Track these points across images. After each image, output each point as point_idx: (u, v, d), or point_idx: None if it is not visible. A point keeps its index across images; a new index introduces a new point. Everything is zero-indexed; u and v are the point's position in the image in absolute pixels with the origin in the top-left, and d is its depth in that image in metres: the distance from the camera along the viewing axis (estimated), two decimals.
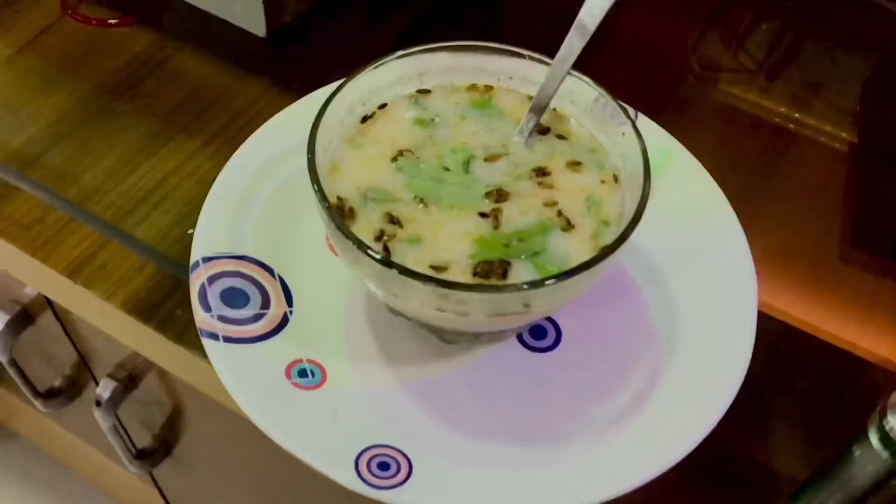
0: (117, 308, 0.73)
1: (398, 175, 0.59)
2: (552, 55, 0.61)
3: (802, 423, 0.70)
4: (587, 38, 0.60)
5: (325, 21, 0.95)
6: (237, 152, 0.68)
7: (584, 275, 0.51)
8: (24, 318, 1.02)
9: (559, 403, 0.60)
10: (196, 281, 0.61)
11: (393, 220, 0.57)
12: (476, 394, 0.60)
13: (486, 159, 0.61)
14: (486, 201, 0.58)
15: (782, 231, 0.81)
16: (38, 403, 1.09)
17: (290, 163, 0.68)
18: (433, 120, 0.62)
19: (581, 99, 0.62)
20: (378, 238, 0.56)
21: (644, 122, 0.72)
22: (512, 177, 0.59)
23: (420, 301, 0.52)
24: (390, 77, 0.62)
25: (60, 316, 1.00)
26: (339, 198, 0.57)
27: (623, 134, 0.59)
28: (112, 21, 0.93)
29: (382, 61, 0.61)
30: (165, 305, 0.73)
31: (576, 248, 0.56)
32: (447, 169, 0.59)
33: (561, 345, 0.62)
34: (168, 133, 0.84)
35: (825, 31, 1.01)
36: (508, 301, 0.51)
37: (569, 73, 0.61)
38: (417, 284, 0.51)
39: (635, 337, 0.63)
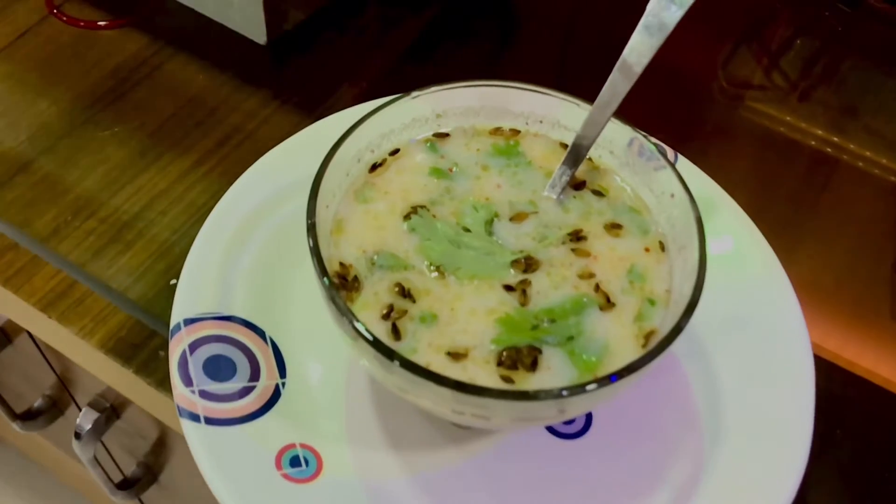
0: (94, 348, 0.62)
1: (411, 236, 0.48)
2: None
3: (850, 485, 0.60)
4: (633, 81, 0.49)
5: (330, 30, 0.84)
6: (228, 192, 0.57)
7: (631, 377, 0.40)
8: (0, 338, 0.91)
9: (589, 501, 0.49)
10: (176, 348, 0.50)
11: (404, 292, 0.46)
12: (494, 488, 0.50)
13: (511, 219, 0.50)
14: (512, 271, 0.47)
15: (826, 268, 0.72)
16: (15, 426, 0.98)
17: (287, 204, 0.58)
18: (451, 170, 0.51)
19: (621, 148, 0.51)
20: (386, 315, 0.45)
21: (684, 164, 0.61)
22: (542, 241, 0.49)
23: (433, 400, 0.42)
24: (404, 119, 0.51)
25: (38, 341, 0.89)
26: (341, 264, 0.47)
27: (672, 195, 0.48)
28: (101, 23, 0.81)
29: (395, 101, 0.50)
30: (148, 345, 0.63)
31: (616, 333, 0.45)
32: (467, 229, 0.49)
33: (591, 429, 0.52)
34: (157, 150, 0.74)
35: (865, 51, 0.89)
36: (540, 408, 0.40)
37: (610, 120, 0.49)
38: (431, 384, 0.40)
39: (675, 420, 0.52)
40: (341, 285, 0.47)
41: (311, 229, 0.45)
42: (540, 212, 0.51)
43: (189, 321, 0.53)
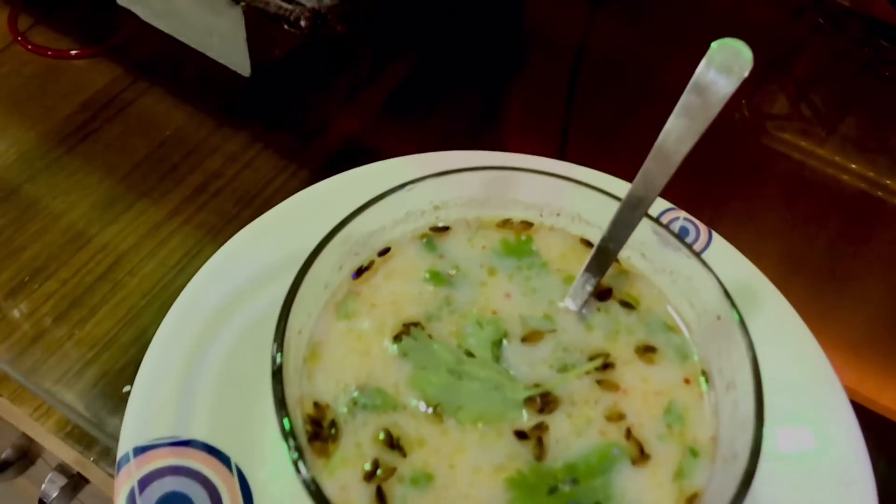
0: (50, 432, 0.51)
1: (402, 364, 0.37)
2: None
3: None
4: (671, 172, 0.38)
5: (318, 68, 0.71)
6: (191, 283, 0.46)
7: None
8: None
9: None
10: (123, 486, 0.40)
11: (392, 442, 0.35)
12: None
13: (524, 339, 0.39)
14: (526, 413, 0.37)
15: (865, 318, 0.62)
16: None
17: (260, 296, 0.46)
18: (452, 274, 0.39)
19: (655, 250, 0.39)
20: (370, 475, 0.33)
21: (720, 246, 0.49)
22: (561, 370, 0.37)
23: None
24: (395, 214, 0.40)
25: None
26: (316, 404, 0.35)
27: (718, 318, 0.36)
28: (73, 52, 0.69)
29: (385, 196, 0.38)
30: (109, 423, 0.53)
31: (653, 497, 0.35)
32: (470, 353, 0.38)
33: None
34: (128, 198, 0.63)
35: None
36: None
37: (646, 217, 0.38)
38: None
39: None
40: (315, 434, 0.36)
41: (278, 375, 0.33)
42: (558, 330, 0.40)
43: (140, 450, 0.42)
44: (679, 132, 0.39)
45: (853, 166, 0.73)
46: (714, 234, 0.53)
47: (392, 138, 0.70)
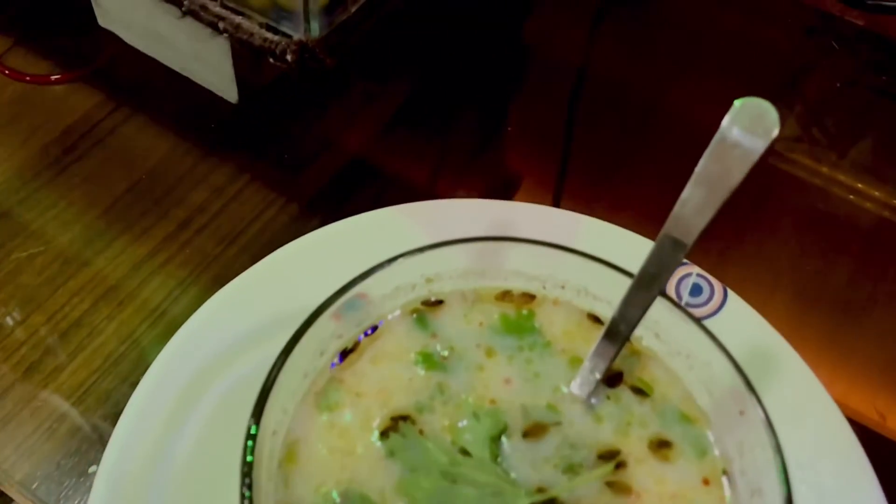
0: (18, 490, 0.49)
1: (389, 465, 0.32)
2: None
3: None
4: (689, 245, 0.32)
5: (311, 89, 0.66)
6: (159, 357, 0.40)
7: None
8: None
9: None
10: None
11: None
12: None
13: (526, 434, 0.34)
14: None
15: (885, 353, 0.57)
16: None
17: (233, 372, 0.41)
18: (445, 356, 0.34)
19: (668, 328, 0.34)
20: None
21: (735, 306, 0.44)
22: (568, 471, 0.32)
23: None
24: (384, 289, 0.34)
25: None
26: None
27: (741, 413, 0.31)
28: (53, 77, 0.64)
29: (372, 272, 0.33)
30: (82, 486, 0.48)
31: None
32: (465, 451, 0.32)
33: None
34: (108, 235, 0.59)
35: None
36: None
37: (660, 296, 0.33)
38: None
39: None
40: None
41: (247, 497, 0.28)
42: (564, 423, 0.35)
43: None
44: (697, 202, 0.34)
45: (862, 188, 0.68)
46: (729, 291, 0.48)
47: (388, 162, 0.65)
